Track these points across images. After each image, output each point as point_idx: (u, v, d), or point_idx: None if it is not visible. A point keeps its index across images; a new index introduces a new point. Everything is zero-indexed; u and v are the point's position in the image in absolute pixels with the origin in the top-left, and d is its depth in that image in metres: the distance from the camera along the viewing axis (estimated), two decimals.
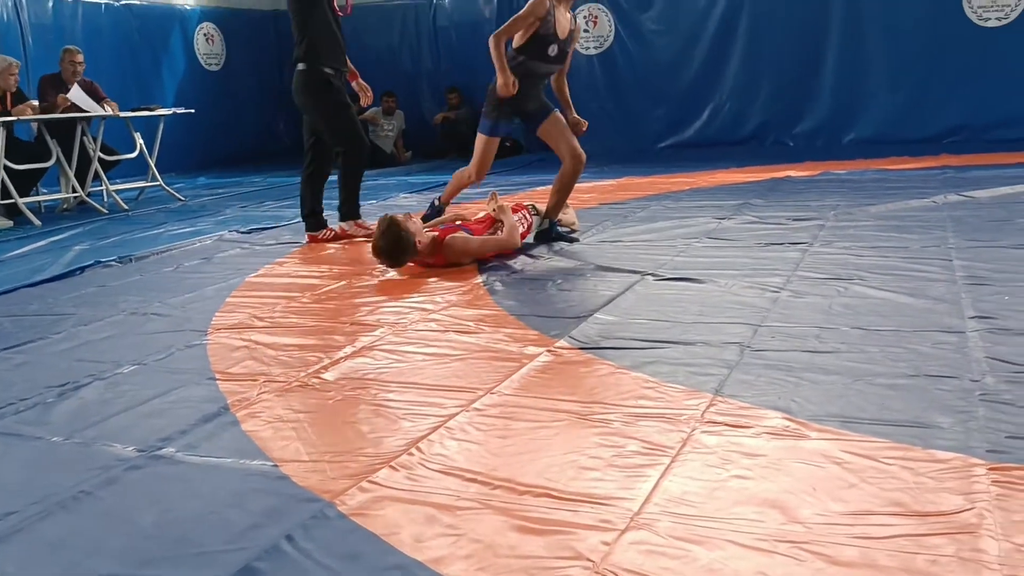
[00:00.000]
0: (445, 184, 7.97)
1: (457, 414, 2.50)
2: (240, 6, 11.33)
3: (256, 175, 9.55)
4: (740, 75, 9.88)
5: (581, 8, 10.30)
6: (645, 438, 2.26)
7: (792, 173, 7.54)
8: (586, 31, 10.31)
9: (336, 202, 5.58)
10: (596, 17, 10.26)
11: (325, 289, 4.15)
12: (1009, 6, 8.80)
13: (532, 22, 4.65)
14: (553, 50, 4.74)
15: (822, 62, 9.56)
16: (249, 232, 5.82)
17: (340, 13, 5.38)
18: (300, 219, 5.63)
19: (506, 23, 4.79)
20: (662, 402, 2.51)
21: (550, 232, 4.99)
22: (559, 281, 4.10)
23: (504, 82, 4.67)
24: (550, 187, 5.15)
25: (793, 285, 3.73)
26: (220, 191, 8.33)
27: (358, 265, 4.65)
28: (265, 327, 3.54)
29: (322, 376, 2.90)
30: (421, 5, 11.03)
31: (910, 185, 6.49)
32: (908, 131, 9.15)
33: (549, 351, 3.02)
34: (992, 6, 8.84)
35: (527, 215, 4.94)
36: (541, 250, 4.81)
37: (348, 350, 3.16)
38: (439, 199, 5.55)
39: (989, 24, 8.91)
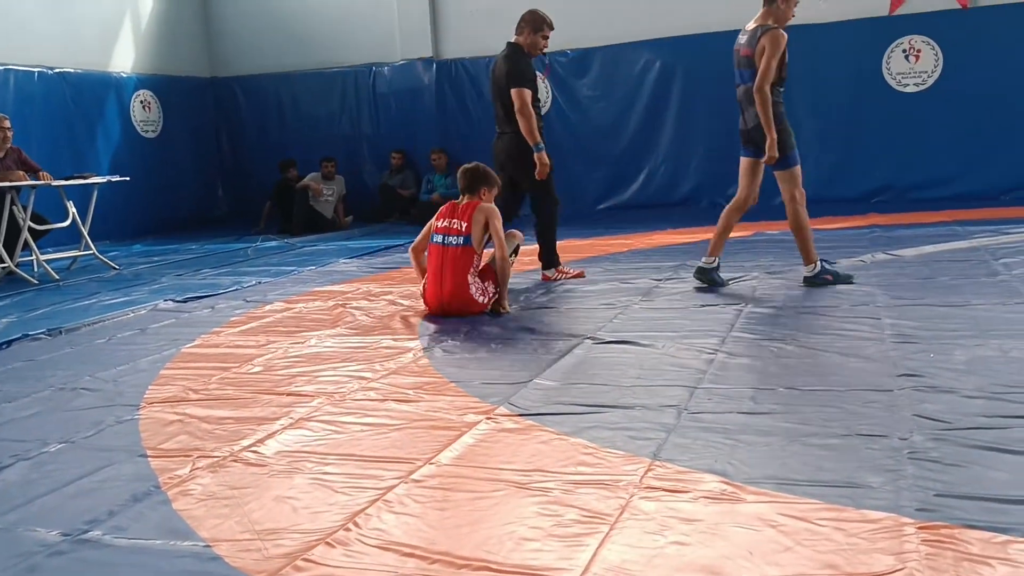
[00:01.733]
0: (386, 248, 8.03)
1: (395, 486, 2.47)
2: (177, 73, 11.31)
3: (194, 242, 9.44)
4: (674, 139, 10.13)
5: None
6: (584, 506, 2.26)
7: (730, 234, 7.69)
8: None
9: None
10: None
11: (262, 359, 4.09)
12: (926, 72, 9.22)
13: (782, 55, 4.90)
14: (784, 72, 4.99)
15: None
16: (185, 301, 5.73)
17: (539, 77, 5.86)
18: (240, 289, 5.59)
19: (762, 69, 4.89)
20: (601, 468, 2.51)
21: (709, 274, 5.20)
22: (499, 346, 4.11)
23: (772, 141, 4.91)
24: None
25: (728, 346, 3.79)
26: (156, 259, 8.21)
27: (296, 334, 4.60)
28: (200, 400, 3.47)
29: (258, 450, 2.85)
30: (360, 72, 11.14)
31: (840, 244, 6.68)
32: (837, 191, 9.43)
33: (489, 418, 3.01)
34: (910, 73, 9.25)
35: (490, 286, 4.90)
36: (488, 313, 4.81)
37: (285, 422, 3.11)
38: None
39: (908, 90, 9.31)
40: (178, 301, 5.72)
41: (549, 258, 5.94)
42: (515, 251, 5.30)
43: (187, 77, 11.46)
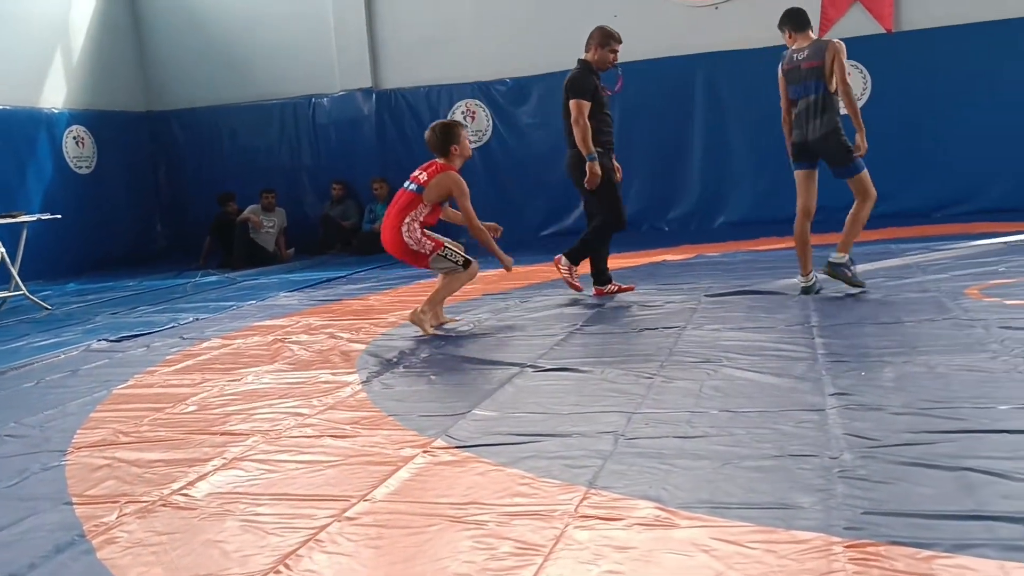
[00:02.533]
0: (328, 281, 7.96)
1: (328, 525, 2.43)
2: (111, 108, 11.15)
3: (131, 279, 9.26)
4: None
5: (458, 104, 10.56)
6: (519, 538, 2.25)
7: (668, 257, 7.79)
8: (465, 126, 10.52)
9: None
10: (474, 112, 10.53)
11: (197, 398, 4.01)
12: (855, 95, 9.46)
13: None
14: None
15: (689, 150, 10.02)
16: (119, 340, 5.60)
17: (608, 93, 6.02)
18: (177, 326, 5.49)
19: (843, 74, 5.20)
20: (536, 498, 2.50)
21: (843, 269, 5.34)
22: (439, 377, 4.09)
23: (863, 133, 5.22)
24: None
25: (666, 370, 3.82)
26: (91, 297, 8.02)
27: (233, 371, 4.52)
28: (130, 443, 3.38)
29: (188, 493, 2.78)
30: (300, 103, 11.09)
31: (777, 265, 6.79)
32: (773, 212, 9.59)
33: (426, 452, 2.98)
34: None
35: (428, 243, 5.12)
36: (424, 342, 4.79)
37: (217, 462, 3.05)
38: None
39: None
40: (112, 341, 5.60)
41: (599, 274, 6.01)
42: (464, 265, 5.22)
43: (122, 111, 11.30)
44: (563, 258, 6.04)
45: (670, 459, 2.72)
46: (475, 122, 10.54)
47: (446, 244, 5.18)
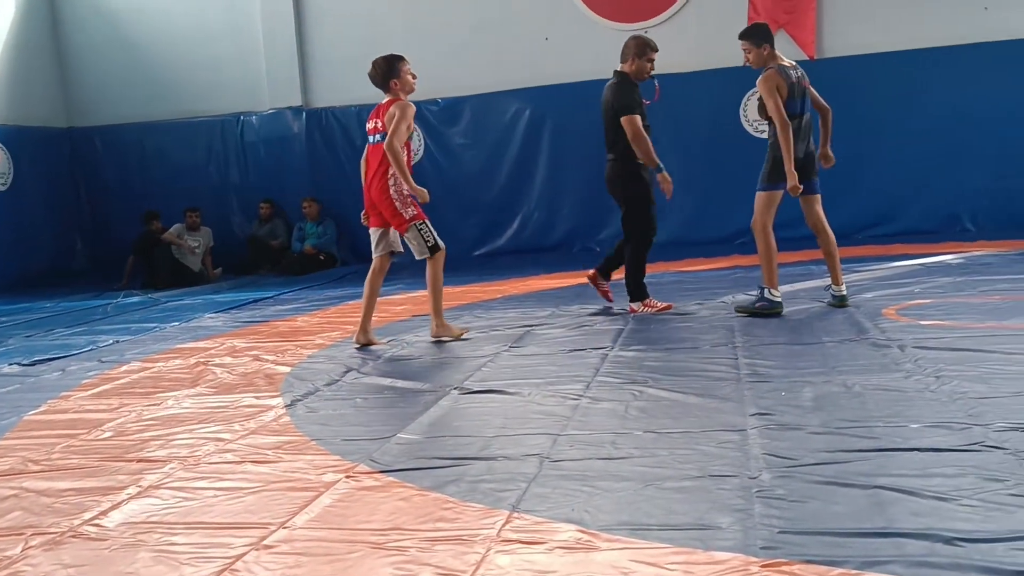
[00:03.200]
0: (255, 302, 7.83)
1: (245, 554, 2.37)
2: (30, 123, 10.82)
3: (48, 300, 8.96)
4: (546, 185, 10.32)
5: None
6: (440, 564, 2.22)
7: None
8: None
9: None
10: None
11: (113, 423, 3.89)
12: None
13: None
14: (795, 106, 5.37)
15: None
16: (32, 364, 5.41)
17: (647, 103, 5.90)
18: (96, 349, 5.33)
19: (773, 106, 5.34)
20: (459, 523, 2.48)
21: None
22: (364, 401, 4.04)
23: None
24: (360, 301, 5.23)
25: (592, 391, 3.84)
26: (4, 319, 7.74)
27: (153, 395, 4.40)
28: (40, 471, 3.26)
29: (100, 523, 2.69)
30: (227, 121, 10.92)
31: (704, 286, 6.91)
32: (701, 233, 9.79)
33: (348, 477, 2.94)
34: (763, 120, 9.70)
35: (411, 209, 5.20)
36: (353, 366, 4.73)
37: (132, 490, 2.96)
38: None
39: (764, 135, 9.75)
40: (24, 364, 5.40)
41: (634, 290, 5.87)
42: (432, 250, 5.30)
43: (41, 127, 10.98)
44: (631, 305, 5.86)
45: (593, 481, 2.72)
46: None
47: (426, 220, 5.24)
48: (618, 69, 5.98)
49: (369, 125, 5.26)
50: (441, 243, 5.30)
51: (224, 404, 4.11)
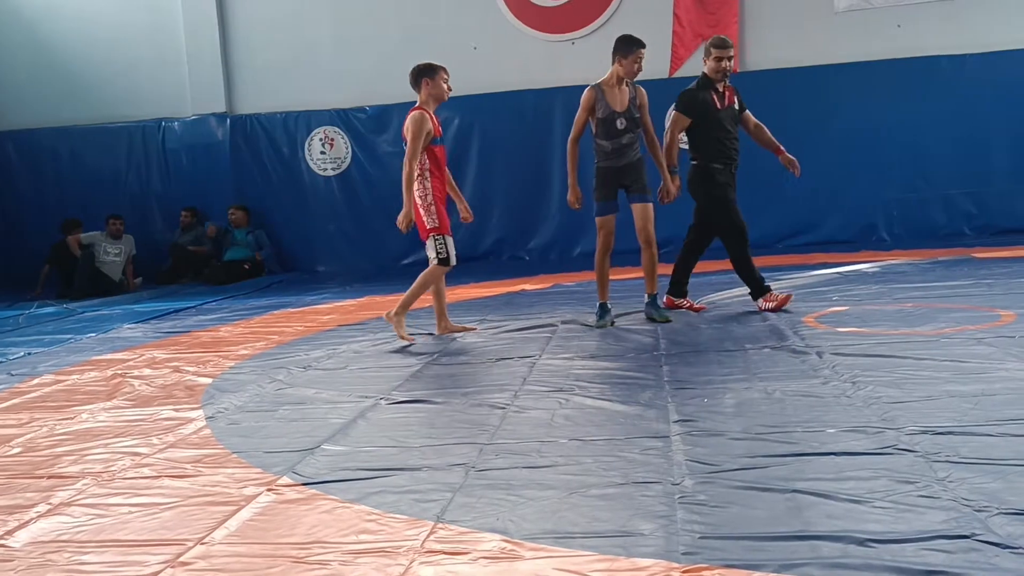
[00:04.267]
0: (176, 311, 7.65)
1: (160, 572, 2.30)
2: None
3: None
4: (476, 194, 10.28)
5: (317, 131, 10.41)
6: None
7: (526, 286, 7.88)
8: (323, 153, 10.40)
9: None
10: (332, 140, 10.40)
11: (22, 439, 3.75)
12: None
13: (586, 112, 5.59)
14: (621, 123, 5.51)
15: (549, 181, 10.20)
16: None
17: (721, 107, 5.78)
18: (5, 362, 5.12)
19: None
20: (383, 535, 2.45)
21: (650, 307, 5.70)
22: (289, 411, 3.97)
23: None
24: (287, 311, 5.11)
25: (519, 400, 3.84)
26: None
27: (66, 409, 4.25)
28: None
29: (6, 543, 2.58)
30: (149, 127, 10.65)
31: (631, 294, 6.97)
32: (629, 242, 9.86)
33: (270, 490, 2.88)
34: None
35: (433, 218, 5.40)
36: (279, 377, 4.64)
37: (42, 508, 2.85)
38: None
39: (683, 145, 9.95)
40: None
41: (754, 288, 5.76)
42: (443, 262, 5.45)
43: None
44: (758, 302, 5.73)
45: (518, 490, 2.72)
46: (334, 150, 10.41)
47: (445, 235, 5.39)
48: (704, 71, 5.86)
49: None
50: (453, 260, 5.46)
51: (142, 417, 4.00)
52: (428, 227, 5.39)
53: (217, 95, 10.46)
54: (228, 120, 10.48)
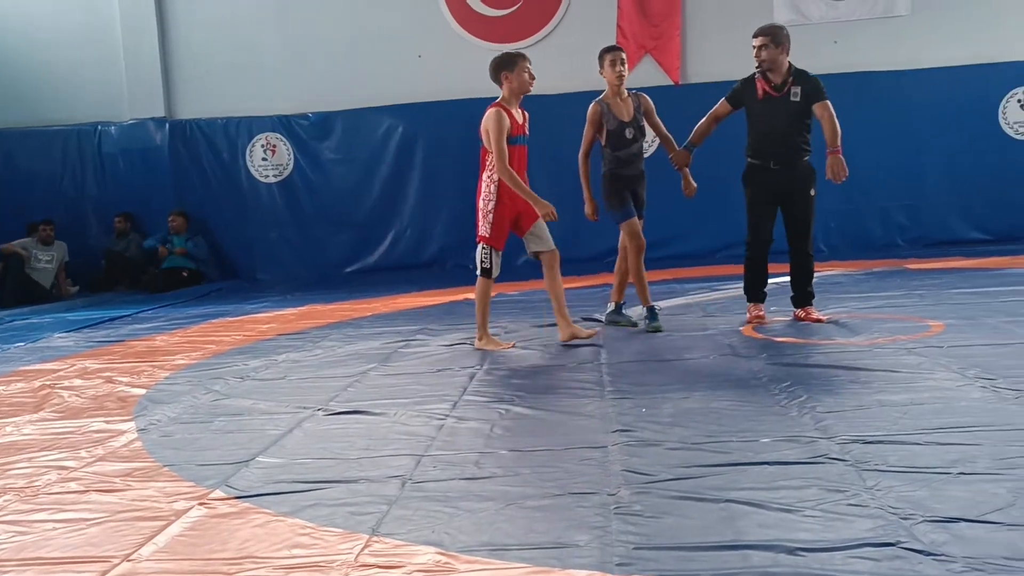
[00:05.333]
0: (111, 320, 7.47)
1: None
2: None
3: None
4: (420, 201, 10.28)
5: (258, 137, 10.27)
6: None
7: (470, 295, 7.82)
8: (264, 159, 10.26)
9: None
10: (275, 146, 10.27)
11: None
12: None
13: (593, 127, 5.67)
14: (629, 132, 5.59)
15: None
16: None
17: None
18: None
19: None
20: (316, 549, 2.42)
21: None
22: (224, 423, 3.89)
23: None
24: (225, 319, 5.00)
25: (459, 410, 3.82)
26: None
27: None
28: None
29: None
30: (84, 131, 10.39)
31: (574, 303, 6.96)
32: (574, 252, 9.93)
33: (202, 504, 2.82)
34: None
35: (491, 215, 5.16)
36: (215, 387, 4.56)
37: None
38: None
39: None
40: None
41: (798, 296, 5.51)
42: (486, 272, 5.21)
43: None
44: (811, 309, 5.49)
45: (455, 502, 2.71)
46: (276, 156, 10.28)
47: (495, 248, 5.19)
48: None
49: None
50: (496, 271, 5.22)
51: (70, 429, 3.89)
52: (481, 234, 5.16)
53: (156, 99, 10.26)
54: (167, 125, 10.28)
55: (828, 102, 5.43)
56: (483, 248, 5.19)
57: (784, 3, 9.78)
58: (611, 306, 5.97)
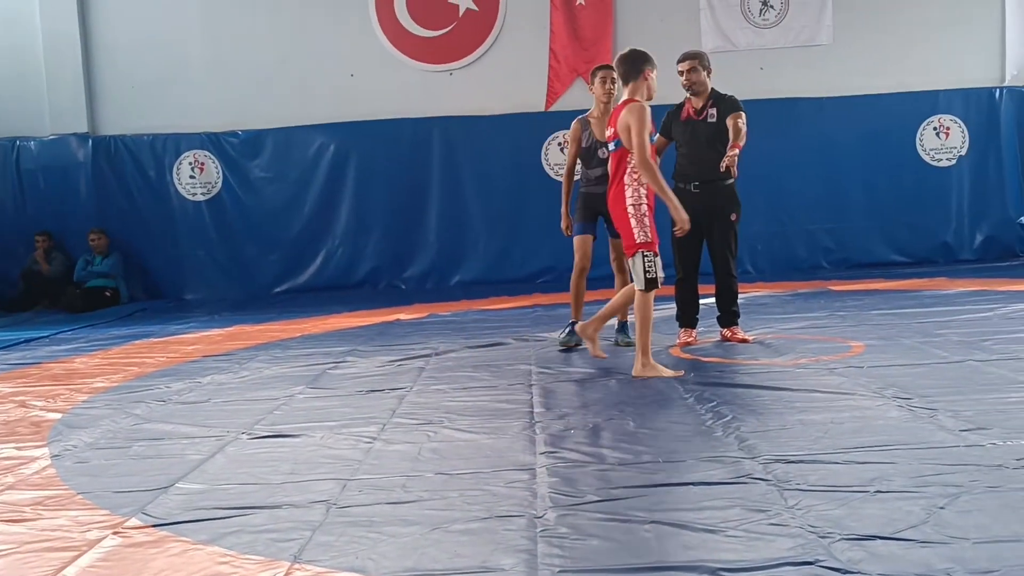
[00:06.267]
0: (27, 341, 7.22)
1: None
2: None
3: None
4: (351, 221, 10.19)
5: (186, 154, 10.07)
6: None
7: (401, 316, 7.81)
8: (192, 177, 10.07)
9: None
10: (203, 164, 10.09)
11: None
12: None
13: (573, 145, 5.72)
14: (603, 152, 5.41)
15: (427, 209, 10.18)
16: None
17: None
18: None
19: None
20: None
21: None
22: (143, 448, 3.78)
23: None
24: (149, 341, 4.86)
25: (387, 433, 3.78)
26: None
27: None
28: None
29: None
30: (2, 146, 10.05)
31: (506, 324, 7.01)
32: (506, 273, 9.98)
33: (116, 533, 2.73)
34: (561, 164, 10.07)
35: (646, 219, 4.68)
36: (135, 411, 4.42)
37: None
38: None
39: (560, 179, 10.13)
40: None
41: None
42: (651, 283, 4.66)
43: None
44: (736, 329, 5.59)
45: (380, 527, 2.67)
46: (204, 174, 10.09)
47: (655, 252, 4.64)
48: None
49: (607, 132, 4.86)
50: (660, 280, 4.69)
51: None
52: (638, 241, 4.64)
53: (79, 115, 9.99)
54: (90, 141, 10.01)
55: (742, 114, 5.43)
56: (644, 256, 4.63)
57: (712, 30, 10.01)
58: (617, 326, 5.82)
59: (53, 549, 2.63)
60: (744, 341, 5.50)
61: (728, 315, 5.64)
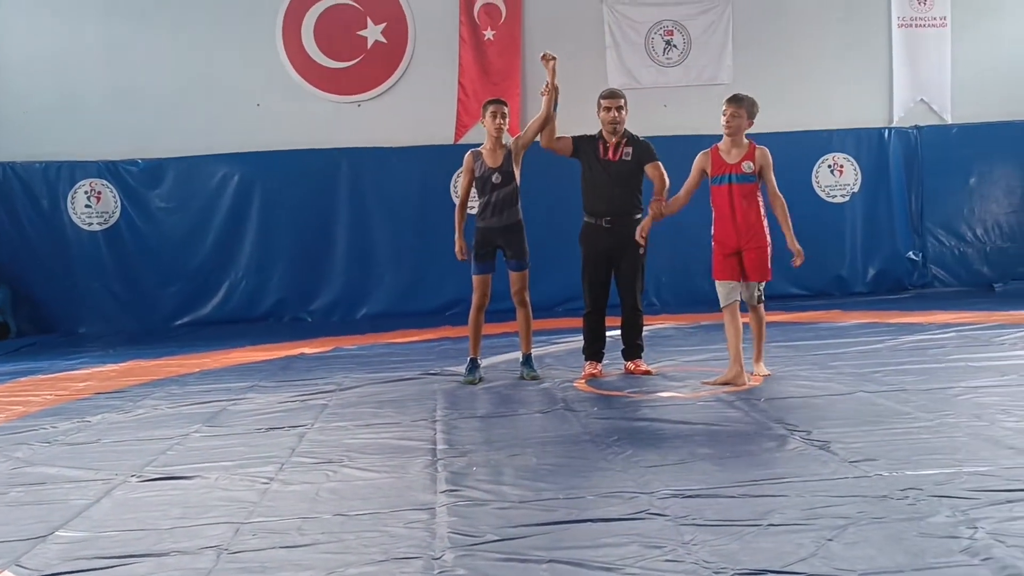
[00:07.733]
0: None
1: None
2: None
3: None
4: (256, 252, 9.97)
5: (81, 183, 9.72)
6: None
7: (306, 350, 7.65)
8: (88, 206, 9.72)
9: None
10: (100, 193, 9.74)
11: None
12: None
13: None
14: (496, 178, 5.65)
15: (334, 241, 10.04)
16: None
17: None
18: None
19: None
20: None
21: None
22: (21, 493, 3.59)
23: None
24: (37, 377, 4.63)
25: (285, 473, 3.69)
26: None
27: None
28: None
29: None
30: None
31: (411, 359, 6.94)
32: (413, 305, 9.90)
33: None
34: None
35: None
36: (17, 454, 4.20)
37: None
38: None
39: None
40: None
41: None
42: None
43: None
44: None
45: (273, 573, 2.60)
46: (101, 203, 9.75)
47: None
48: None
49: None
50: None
51: None
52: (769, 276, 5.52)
53: None
54: None
55: (659, 163, 5.75)
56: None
57: (617, 67, 10.22)
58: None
59: None
60: (647, 373, 5.58)
61: (632, 348, 5.73)
